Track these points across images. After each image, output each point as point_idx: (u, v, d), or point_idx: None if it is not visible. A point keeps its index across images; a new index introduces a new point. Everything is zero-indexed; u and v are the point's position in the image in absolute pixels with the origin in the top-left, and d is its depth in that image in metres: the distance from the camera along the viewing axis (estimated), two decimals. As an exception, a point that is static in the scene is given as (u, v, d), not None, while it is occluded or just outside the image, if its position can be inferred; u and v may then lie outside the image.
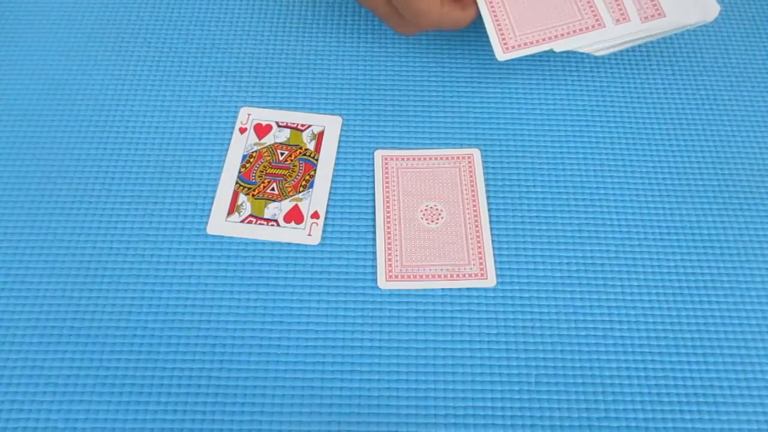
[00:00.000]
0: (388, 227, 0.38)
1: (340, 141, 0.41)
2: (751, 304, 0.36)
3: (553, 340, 0.35)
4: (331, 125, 0.41)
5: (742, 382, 0.34)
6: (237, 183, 0.39)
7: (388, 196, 0.39)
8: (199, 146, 0.41)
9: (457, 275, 0.36)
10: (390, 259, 0.37)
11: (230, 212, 0.38)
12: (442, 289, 0.36)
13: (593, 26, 0.35)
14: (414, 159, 0.40)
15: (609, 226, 0.38)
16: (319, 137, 0.41)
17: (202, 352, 0.34)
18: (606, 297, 0.36)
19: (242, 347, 0.35)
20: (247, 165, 0.40)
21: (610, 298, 0.36)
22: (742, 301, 0.36)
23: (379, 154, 0.40)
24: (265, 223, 0.38)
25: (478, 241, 0.37)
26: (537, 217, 0.38)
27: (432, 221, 0.38)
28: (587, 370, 0.34)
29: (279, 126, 0.41)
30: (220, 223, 0.38)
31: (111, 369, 0.34)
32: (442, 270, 0.36)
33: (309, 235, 0.38)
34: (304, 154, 0.40)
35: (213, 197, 0.39)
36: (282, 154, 0.40)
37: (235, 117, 0.42)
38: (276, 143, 0.41)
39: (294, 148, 0.40)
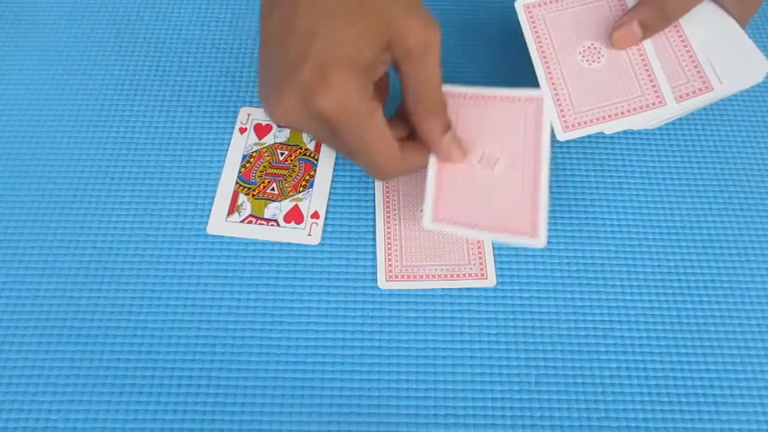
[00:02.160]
0: (388, 227, 0.38)
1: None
2: (751, 304, 0.36)
3: (553, 340, 0.35)
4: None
5: (742, 382, 0.34)
6: (237, 183, 0.39)
7: (388, 197, 0.38)
8: (199, 146, 0.41)
9: (457, 275, 0.36)
10: (390, 259, 0.37)
11: (230, 212, 0.38)
12: (442, 289, 0.36)
13: (653, 104, 0.34)
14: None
15: (609, 226, 0.38)
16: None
17: (202, 352, 0.34)
18: (606, 297, 0.36)
19: (242, 347, 0.35)
20: (247, 165, 0.40)
21: (610, 298, 0.36)
22: (742, 301, 0.36)
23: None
24: (265, 223, 0.38)
25: (478, 241, 0.37)
26: (537, 217, 0.38)
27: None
28: (587, 370, 0.34)
29: (279, 126, 0.41)
30: (220, 223, 0.38)
31: (111, 369, 0.34)
32: (441, 270, 0.36)
33: (309, 235, 0.38)
34: (304, 154, 0.40)
35: (213, 197, 0.39)
36: (282, 154, 0.40)
37: (235, 117, 0.42)
38: (276, 143, 0.41)
39: (294, 148, 0.40)
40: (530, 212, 0.32)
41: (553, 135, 0.34)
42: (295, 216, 0.38)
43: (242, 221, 0.38)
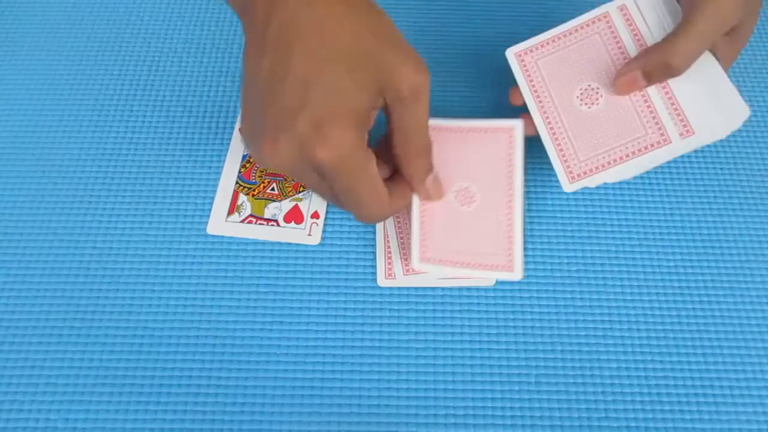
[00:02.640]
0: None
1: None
2: (751, 304, 0.36)
3: (553, 340, 0.35)
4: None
5: (742, 382, 0.34)
6: (237, 183, 0.39)
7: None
8: (198, 146, 0.41)
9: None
10: (390, 260, 0.36)
11: (230, 212, 0.38)
12: (443, 288, 0.36)
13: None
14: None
15: (609, 226, 0.38)
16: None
17: (202, 352, 0.34)
18: (606, 297, 0.36)
19: (242, 347, 0.35)
20: (247, 165, 0.40)
21: (610, 298, 0.36)
22: (742, 301, 0.36)
23: None
24: (265, 223, 0.38)
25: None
26: (537, 217, 0.38)
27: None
28: (587, 370, 0.34)
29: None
30: (220, 223, 0.38)
31: (111, 369, 0.34)
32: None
33: (309, 235, 0.38)
34: (304, 154, 0.40)
35: (213, 197, 0.39)
36: (282, 154, 0.40)
37: (235, 117, 0.42)
38: (276, 143, 0.41)
39: (294, 148, 0.40)
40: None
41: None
42: (295, 216, 0.38)
43: (242, 221, 0.38)
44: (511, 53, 0.35)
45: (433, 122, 0.35)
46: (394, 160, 0.32)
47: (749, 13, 0.32)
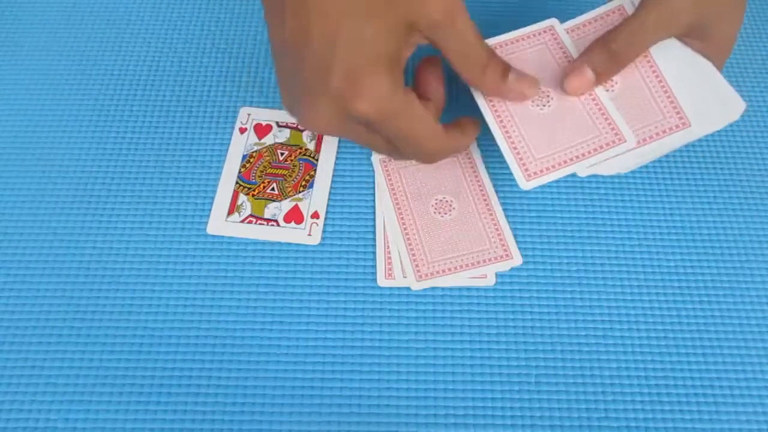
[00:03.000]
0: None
1: (340, 141, 0.41)
2: (751, 304, 0.36)
3: (553, 340, 0.35)
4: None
5: (742, 382, 0.34)
6: (237, 183, 0.39)
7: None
8: (199, 146, 0.41)
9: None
10: (390, 260, 0.37)
11: (230, 212, 0.38)
12: (442, 288, 0.36)
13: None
14: None
15: (609, 226, 0.38)
16: (319, 137, 0.41)
17: (202, 352, 0.34)
18: (606, 297, 0.36)
19: (242, 347, 0.35)
20: (247, 165, 0.40)
21: (610, 298, 0.36)
22: (742, 301, 0.36)
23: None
24: (265, 223, 0.38)
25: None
26: (537, 217, 0.38)
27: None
28: (587, 370, 0.34)
29: (279, 126, 0.41)
30: (220, 223, 0.38)
31: (111, 369, 0.34)
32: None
33: (309, 235, 0.38)
34: (304, 154, 0.40)
35: (213, 197, 0.39)
36: (282, 154, 0.40)
37: (235, 117, 0.42)
38: (276, 143, 0.41)
39: (294, 148, 0.40)
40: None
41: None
42: (295, 216, 0.38)
43: (242, 221, 0.38)
44: None
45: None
46: (469, 83, 0.31)
47: (717, 13, 0.31)
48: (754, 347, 0.35)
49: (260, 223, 0.38)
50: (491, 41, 0.35)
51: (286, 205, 0.38)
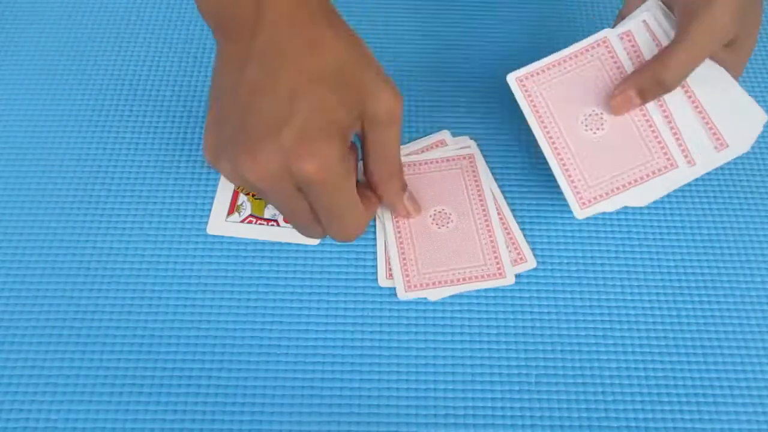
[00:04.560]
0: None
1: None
2: (751, 304, 0.36)
3: (553, 340, 0.35)
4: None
5: (742, 382, 0.34)
6: (237, 183, 0.39)
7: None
8: (198, 146, 0.41)
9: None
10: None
11: (230, 212, 0.38)
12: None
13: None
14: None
15: (609, 226, 0.38)
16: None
17: (202, 352, 0.34)
18: (606, 297, 0.36)
19: (242, 347, 0.35)
20: (247, 165, 0.40)
21: (610, 298, 0.36)
22: (742, 301, 0.36)
23: None
24: (265, 223, 0.38)
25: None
26: (537, 217, 0.38)
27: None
28: (587, 370, 0.34)
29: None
30: (220, 223, 0.38)
31: (111, 369, 0.34)
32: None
33: (309, 235, 0.37)
34: (304, 154, 0.40)
35: (213, 197, 0.39)
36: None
37: (235, 117, 0.42)
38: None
39: (294, 148, 0.40)
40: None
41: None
42: (295, 216, 0.38)
43: (242, 221, 0.38)
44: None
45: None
46: (368, 184, 0.34)
47: (749, 25, 0.32)
48: (754, 347, 0.35)
49: (260, 223, 0.38)
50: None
51: (286, 205, 0.38)
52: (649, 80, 0.32)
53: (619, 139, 0.34)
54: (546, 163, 0.40)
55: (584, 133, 0.34)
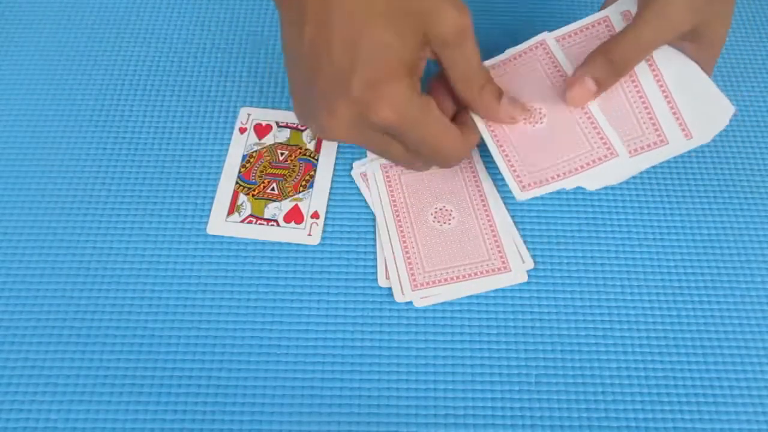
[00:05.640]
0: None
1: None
2: (751, 304, 0.36)
3: (553, 340, 0.35)
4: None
5: (742, 382, 0.34)
6: (237, 183, 0.39)
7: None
8: (199, 146, 0.41)
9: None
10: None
11: (230, 212, 0.38)
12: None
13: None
14: None
15: (609, 226, 0.38)
16: (319, 138, 0.41)
17: (202, 352, 0.34)
18: (606, 297, 0.36)
19: (242, 347, 0.35)
20: (247, 165, 0.40)
21: (610, 298, 0.36)
22: (742, 301, 0.36)
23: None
24: (265, 223, 0.38)
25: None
26: (537, 217, 0.38)
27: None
28: (587, 370, 0.34)
29: (279, 126, 0.41)
30: (220, 223, 0.38)
31: (111, 369, 0.34)
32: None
33: (309, 235, 0.37)
34: (304, 154, 0.40)
35: (213, 197, 0.39)
36: (282, 154, 0.40)
37: (235, 117, 0.42)
38: (276, 143, 0.41)
39: (294, 148, 0.40)
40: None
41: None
42: (295, 216, 0.38)
43: (242, 221, 0.38)
44: None
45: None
46: (461, 103, 0.32)
47: (711, 17, 0.32)
48: (754, 347, 0.35)
49: (260, 223, 0.38)
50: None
51: (286, 205, 0.38)
52: (602, 65, 0.32)
53: (559, 131, 0.34)
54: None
55: (523, 126, 0.34)
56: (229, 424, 0.33)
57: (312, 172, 0.40)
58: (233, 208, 0.38)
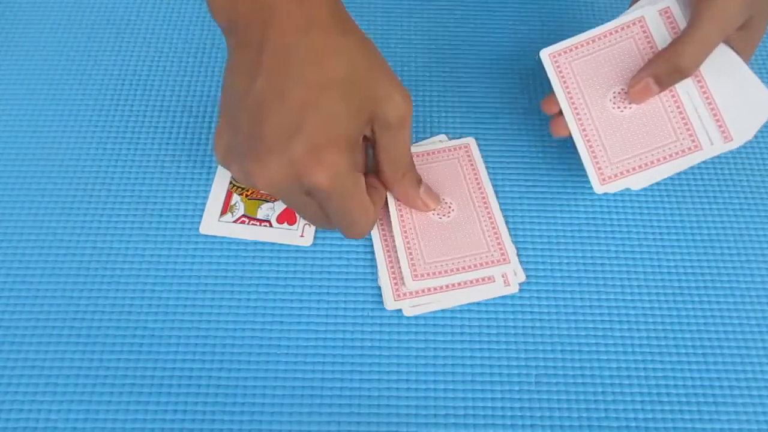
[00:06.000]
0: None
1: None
2: (751, 304, 0.36)
3: (553, 340, 0.35)
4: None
5: (742, 382, 0.34)
6: (231, 183, 0.39)
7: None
8: (198, 146, 0.41)
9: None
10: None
11: (223, 212, 0.38)
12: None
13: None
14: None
15: (609, 226, 0.38)
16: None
17: (201, 352, 0.34)
18: (606, 297, 0.36)
19: (242, 347, 0.35)
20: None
21: (610, 298, 0.36)
22: (742, 301, 0.36)
23: None
24: (258, 223, 0.38)
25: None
26: (537, 217, 0.38)
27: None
28: (587, 370, 0.34)
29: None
30: (212, 223, 0.38)
31: (111, 369, 0.34)
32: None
33: (301, 236, 0.37)
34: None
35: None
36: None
37: (235, 117, 0.42)
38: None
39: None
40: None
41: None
42: (288, 217, 0.38)
43: (235, 221, 0.38)
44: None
45: None
46: (385, 184, 0.34)
47: (761, 6, 0.32)
48: (754, 347, 0.35)
49: (253, 224, 0.38)
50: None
51: (280, 205, 0.38)
52: (665, 68, 0.33)
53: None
54: (548, 160, 0.40)
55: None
56: (229, 424, 0.33)
57: (312, 172, 0.39)
58: (226, 207, 0.38)
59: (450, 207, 0.38)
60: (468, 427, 0.33)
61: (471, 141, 0.40)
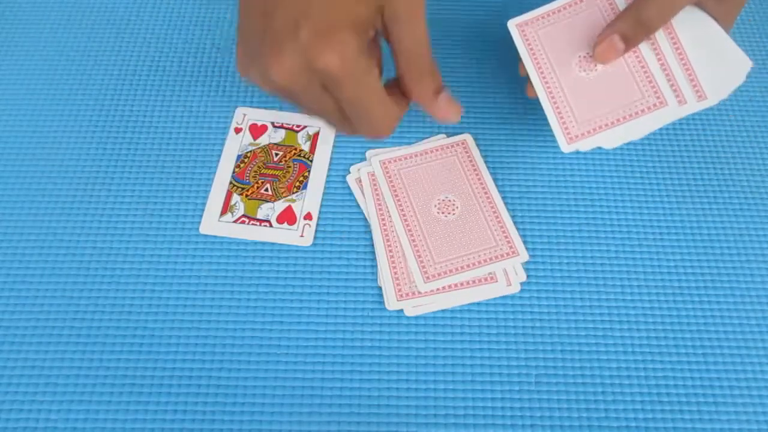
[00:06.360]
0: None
1: (335, 142, 0.41)
2: (751, 304, 0.36)
3: (553, 340, 0.35)
4: (326, 126, 0.41)
5: (742, 382, 0.34)
6: (231, 183, 0.39)
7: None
8: (198, 146, 0.41)
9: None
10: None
11: (223, 212, 0.38)
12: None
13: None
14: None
15: (609, 226, 0.38)
16: (314, 138, 0.41)
17: (201, 352, 0.34)
18: (606, 297, 0.36)
19: (242, 347, 0.35)
20: (242, 165, 0.40)
21: (610, 298, 0.36)
22: (742, 301, 0.36)
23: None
24: (258, 223, 0.38)
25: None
26: (537, 217, 0.38)
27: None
28: (587, 370, 0.34)
29: (274, 126, 0.41)
30: (212, 223, 0.38)
31: (111, 369, 0.34)
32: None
33: (301, 236, 0.37)
34: (299, 155, 0.40)
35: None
36: (276, 154, 0.40)
37: (232, 117, 0.42)
38: (271, 144, 0.41)
39: (289, 148, 0.40)
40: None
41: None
42: (287, 217, 0.38)
43: (235, 221, 0.38)
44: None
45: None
46: (402, 86, 0.32)
47: None
48: (754, 347, 0.35)
49: (253, 224, 0.38)
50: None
51: (280, 205, 0.38)
52: (629, 22, 0.33)
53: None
54: (549, 160, 0.40)
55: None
56: (229, 424, 0.33)
57: (306, 173, 0.40)
58: (226, 208, 0.38)
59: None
60: (468, 427, 0.33)
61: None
